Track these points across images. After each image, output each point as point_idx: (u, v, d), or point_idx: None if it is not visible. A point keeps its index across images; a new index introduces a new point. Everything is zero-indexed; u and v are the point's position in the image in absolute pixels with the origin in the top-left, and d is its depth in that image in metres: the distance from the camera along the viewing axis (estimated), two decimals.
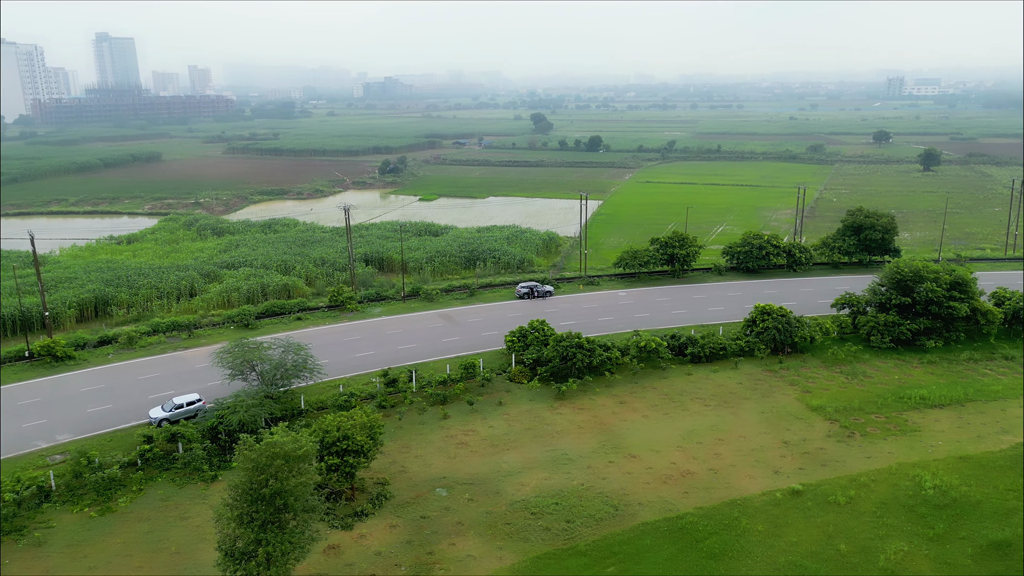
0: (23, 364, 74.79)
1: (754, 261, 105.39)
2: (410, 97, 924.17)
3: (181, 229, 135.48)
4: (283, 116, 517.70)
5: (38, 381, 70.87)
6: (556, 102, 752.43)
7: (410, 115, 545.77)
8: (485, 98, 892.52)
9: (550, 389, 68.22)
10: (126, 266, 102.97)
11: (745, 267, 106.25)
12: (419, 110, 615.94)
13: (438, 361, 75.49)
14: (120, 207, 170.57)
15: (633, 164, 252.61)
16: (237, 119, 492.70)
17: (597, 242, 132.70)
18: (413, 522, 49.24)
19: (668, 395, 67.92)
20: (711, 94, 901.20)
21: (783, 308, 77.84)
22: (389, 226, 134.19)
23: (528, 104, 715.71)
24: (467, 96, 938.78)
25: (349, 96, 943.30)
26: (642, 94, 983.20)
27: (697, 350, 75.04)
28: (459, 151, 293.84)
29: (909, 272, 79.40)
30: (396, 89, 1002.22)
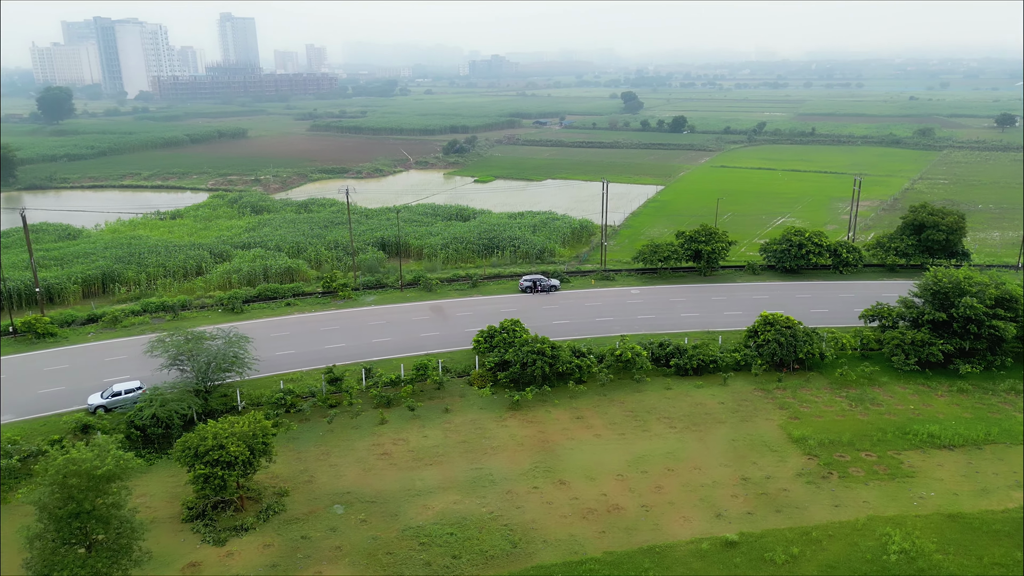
0: (6, 339, 76.27)
1: (792, 260, 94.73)
2: (515, 75, 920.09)
3: (224, 206, 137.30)
4: (382, 94, 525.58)
5: (9, 358, 71.80)
6: (660, 80, 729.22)
7: (506, 94, 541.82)
8: (590, 76, 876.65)
9: (505, 397, 62.64)
10: (145, 243, 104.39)
11: (783, 267, 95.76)
12: (517, 88, 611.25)
13: (407, 357, 71.20)
14: (186, 182, 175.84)
15: (715, 147, 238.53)
16: (337, 97, 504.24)
17: (640, 232, 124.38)
18: (291, 543, 45.37)
19: (634, 412, 60.86)
20: (833, 72, 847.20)
21: (790, 319, 68.55)
22: (422, 209, 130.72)
23: (631, 83, 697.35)
24: (572, 75, 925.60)
25: (455, 74, 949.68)
26: (757, 72, 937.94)
27: (684, 361, 67.18)
28: (538, 131, 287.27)
29: (948, 283, 68.10)
30: (502, 67, 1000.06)
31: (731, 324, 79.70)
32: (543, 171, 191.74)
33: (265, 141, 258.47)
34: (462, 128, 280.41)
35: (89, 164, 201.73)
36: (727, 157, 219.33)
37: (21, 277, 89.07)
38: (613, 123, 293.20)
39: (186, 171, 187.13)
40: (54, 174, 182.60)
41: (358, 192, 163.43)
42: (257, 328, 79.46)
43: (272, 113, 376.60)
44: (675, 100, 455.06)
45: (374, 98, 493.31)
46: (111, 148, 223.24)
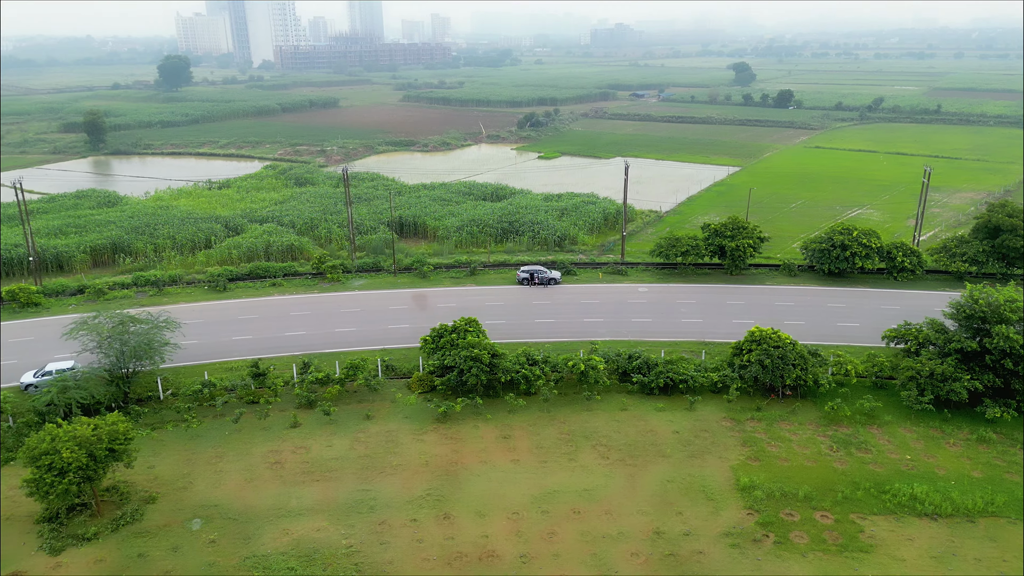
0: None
1: (833, 263, 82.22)
2: (636, 45, 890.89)
3: (271, 177, 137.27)
4: (491, 64, 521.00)
5: None
6: (791, 50, 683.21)
7: (617, 64, 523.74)
8: (717, 46, 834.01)
9: (431, 407, 56.66)
10: (168, 214, 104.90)
11: (824, 270, 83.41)
12: (632, 59, 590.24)
13: (363, 351, 66.52)
14: (256, 151, 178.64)
15: (818, 125, 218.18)
16: (446, 67, 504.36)
17: (687, 220, 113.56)
18: (125, 560, 41.84)
19: (571, 435, 53.37)
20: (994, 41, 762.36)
21: (780, 335, 58.23)
22: (460, 187, 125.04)
23: (759, 52, 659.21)
24: (698, 43, 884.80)
25: (575, 44, 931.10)
26: (907, 40, 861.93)
27: (649, 379, 58.63)
28: (631, 104, 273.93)
29: (985, 305, 55.57)
30: (625, 36, 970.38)
31: (735, 335, 69.49)
32: (616, 148, 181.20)
33: (353, 111, 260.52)
34: (551, 100, 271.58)
35: (179, 131, 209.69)
36: (828, 136, 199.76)
37: (47, 244, 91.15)
38: (713, 96, 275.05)
39: (260, 140, 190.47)
40: (140, 140, 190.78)
41: (410, 166, 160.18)
42: (229, 309, 77.41)
43: (376, 83, 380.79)
44: (798, 72, 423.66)
45: (482, 68, 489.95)
46: (204, 116, 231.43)
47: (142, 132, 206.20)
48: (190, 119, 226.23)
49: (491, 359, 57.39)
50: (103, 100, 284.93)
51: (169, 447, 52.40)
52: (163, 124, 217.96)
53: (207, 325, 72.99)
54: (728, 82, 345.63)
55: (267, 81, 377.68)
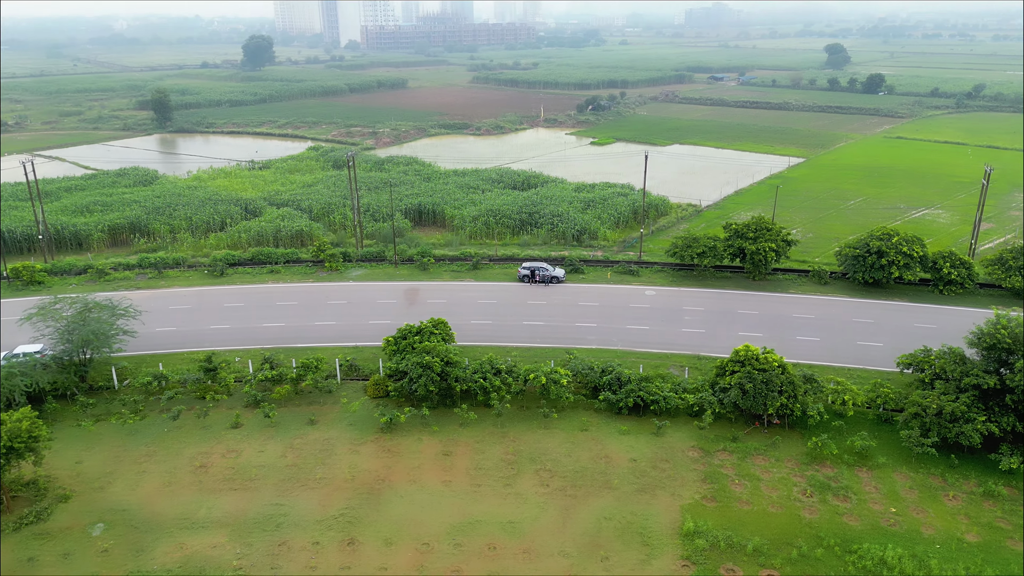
0: None
1: (867, 271, 73.64)
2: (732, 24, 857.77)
3: (311, 159, 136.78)
4: (573, 45, 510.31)
5: None
6: (900, 31, 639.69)
7: (706, 45, 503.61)
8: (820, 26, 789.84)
9: (377, 416, 53.12)
10: (194, 194, 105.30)
11: (859, 279, 74.87)
12: (723, 39, 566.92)
13: (337, 347, 63.99)
14: (310, 132, 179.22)
15: (907, 112, 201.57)
16: (528, 47, 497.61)
17: (728, 215, 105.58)
18: (14, 563, 40.26)
19: (516, 457, 48.84)
20: None
21: (768, 357, 51.63)
22: (491, 174, 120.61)
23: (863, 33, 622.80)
24: (800, 23, 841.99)
25: (668, 24, 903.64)
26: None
27: (619, 397, 53.27)
28: (706, 87, 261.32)
29: (1010, 336, 47.38)
30: (722, 15, 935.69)
31: None
32: (676, 134, 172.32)
33: (419, 93, 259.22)
34: (621, 83, 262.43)
35: (245, 110, 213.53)
36: (915, 126, 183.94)
37: (67, 221, 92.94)
38: (796, 81, 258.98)
39: (318, 120, 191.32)
40: (204, 119, 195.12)
41: (457, 150, 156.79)
42: (218, 296, 76.22)
43: (452, 64, 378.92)
44: (901, 55, 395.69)
45: (563, 49, 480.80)
46: (272, 95, 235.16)
47: (210, 111, 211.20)
48: (258, 98, 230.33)
49: (444, 367, 53.36)
50: (187, 79, 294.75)
51: (104, 442, 51.07)
52: (231, 103, 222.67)
53: (191, 312, 72.05)
54: (819, 65, 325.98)
55: (347, 61, 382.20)
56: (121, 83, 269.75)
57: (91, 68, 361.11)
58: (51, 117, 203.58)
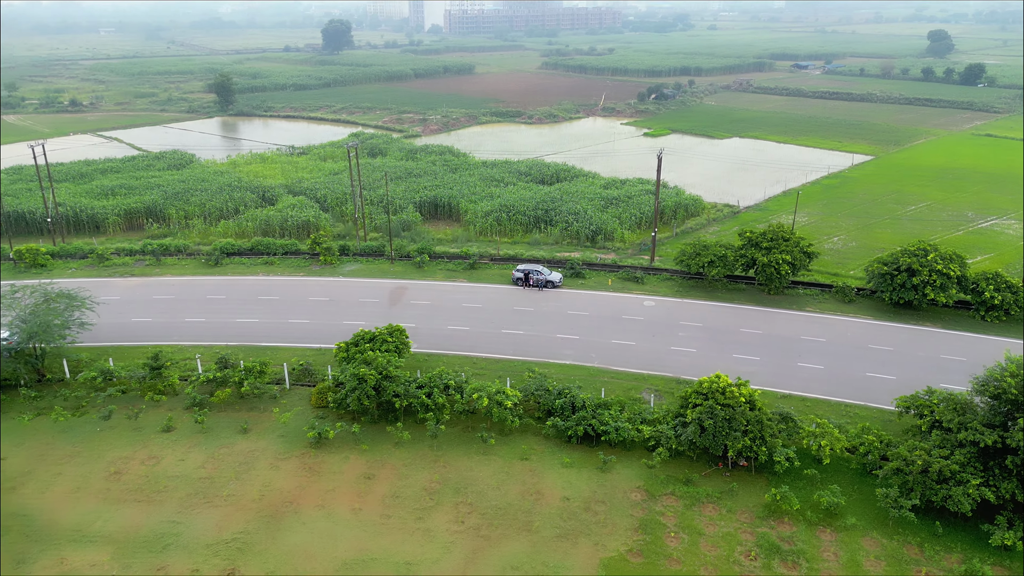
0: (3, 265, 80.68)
1: (895, 291, 65.15)
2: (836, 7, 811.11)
3: None
4: (658, 30, 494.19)
5: None
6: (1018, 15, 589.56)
7: (801, 30, 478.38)
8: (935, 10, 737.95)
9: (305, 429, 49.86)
10: (218, 180, 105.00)
11: (887, 299, 66.39)
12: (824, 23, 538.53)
13: (306, 348, 61.50)
14: (364, 117, 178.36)
15: (1005, 107, 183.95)
16: (610, 32, 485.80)
17: (767, 218, 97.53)
18: None
19: (439, 486, 44.68)
20: None
21: (736, 390, 45.42)
22: (519, 167, 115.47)
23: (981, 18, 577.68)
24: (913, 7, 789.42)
25: (767, 7, 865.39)
26: None
27: (568, 424, 48.22)
28: (787, 76, 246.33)
29: (1015, 387, 39.68)
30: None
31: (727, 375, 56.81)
32: (740, 126, 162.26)
33: (484, 78, 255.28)
34: (695, 70, 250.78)
35: (307, 94, 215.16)
36: (1011, 123, 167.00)
37: (86, 204, 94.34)
38: (887, 70, 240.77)
39: (373, 106, 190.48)
40: (264, 102, 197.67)
41: (501, 139, 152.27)
42: (203, 287, 74.91)
43: (528, 49, 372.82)
44: (1015, 42, 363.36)
45: (646, 34, 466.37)
46: (336, 80, 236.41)
47: (273, 95, 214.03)
48: (322, 83, 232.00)
49: (380, 380, 49.63)
50: (265, 62, 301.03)
51: (35, 438, 49.93)
52: (295, 87, 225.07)
53: (172, 303, 70.94)
54: (918, 53, 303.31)
55: (424, 46, 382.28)
56: (201, 66, 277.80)
57: (181, 51, 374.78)
58: (126, 98, 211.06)
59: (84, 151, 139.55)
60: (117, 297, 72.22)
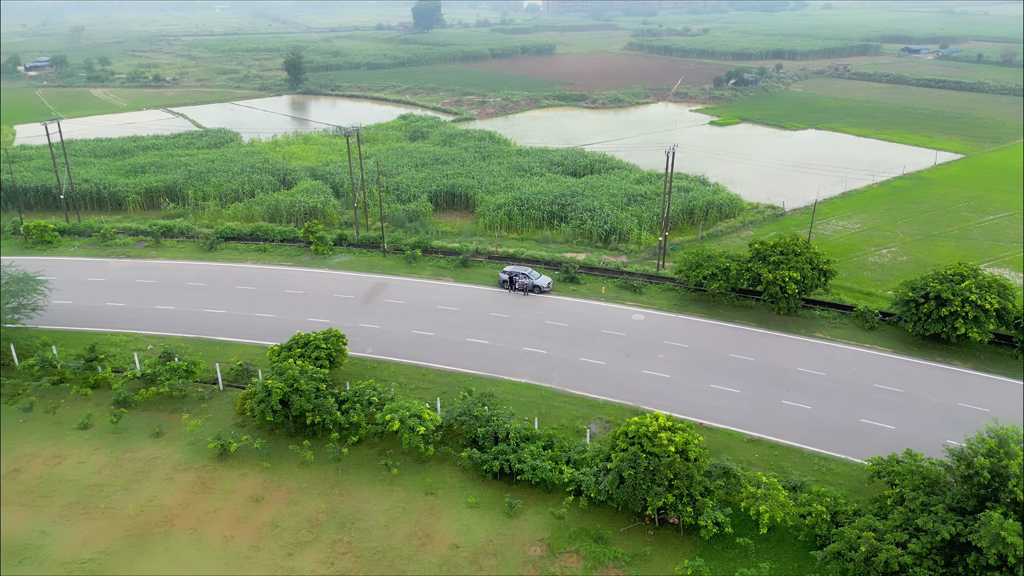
0: (8, 240, 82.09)
1: (920, 322, 55.68)
2: None
3: (394, 128, 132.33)
4: (766, 9, 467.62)
5: None
6: None
7: (927, 9, 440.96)
8: None
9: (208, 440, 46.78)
10: (243, 161, 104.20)
11: (910, 329, 56.86)
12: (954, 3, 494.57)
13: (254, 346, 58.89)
14: (425, 98, 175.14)
15: None
16: (712, 11, 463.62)
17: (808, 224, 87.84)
18: None
19: (326, 517, 40.60)
20: None
21: (665, 437, 38.89)
22: (553, 156, 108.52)
23: None
24: None
25: None
26: None
27: (484, 459, 43.02)
28: (893, 61, 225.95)
29: (989, 470, 31.56)
30: None
31: (691, 408, 49.96)
32: (819, 117, 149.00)
33: (561, 59, 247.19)
34: (789, 53, 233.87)
35: (379, 73, 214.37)
36: None
37: (111, 181, 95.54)
38: (1008, 57, 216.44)
39: (437, 87, 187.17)
40: (333, 80, 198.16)
41: (555, 125, 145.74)
42: (187, 272, 73.50)
43: (620, 28, 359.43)
44: None
45: (751, 13, 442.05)
46: (410, 59, 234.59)
47: (347, 73, 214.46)
48: (396, 62, 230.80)
49: (289, 393, 45.93)
50: (353, 40, 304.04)
51: None
52: (369, 66, 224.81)
53: (151, 288, 69.79)
54: None
55: (514, 25, 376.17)
56: (289, 43, 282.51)
57: (280, 28, 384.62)
58: (208, 75, 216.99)
59: (150, 126, 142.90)
60: (103, 279, 72.04)
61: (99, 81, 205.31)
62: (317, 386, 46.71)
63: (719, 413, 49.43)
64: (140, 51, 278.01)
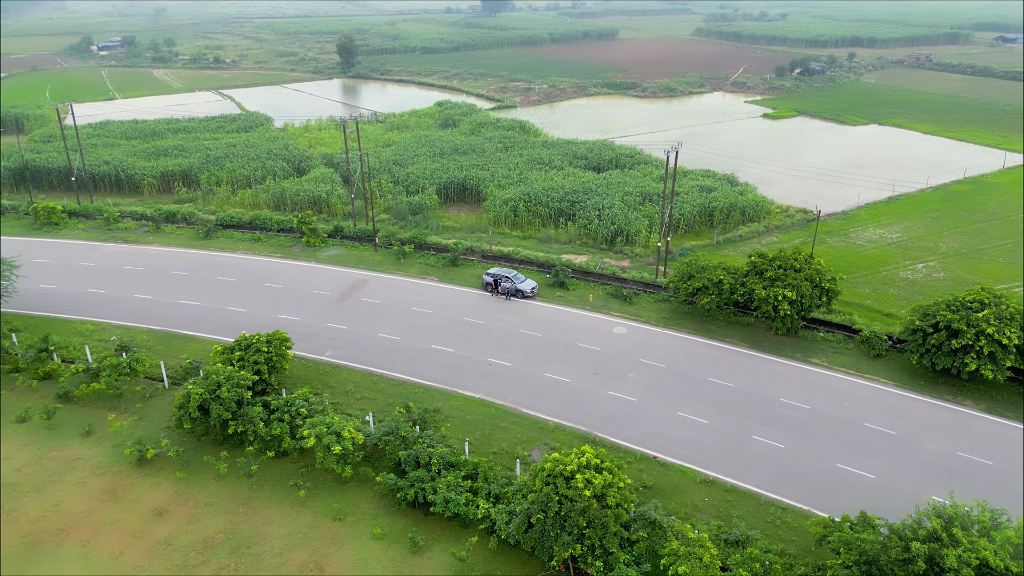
0: (20, 220, 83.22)
1: (927, 354, 48.96)
2: None
3: (425, 116, 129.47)
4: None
5: None
6: None
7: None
8: None
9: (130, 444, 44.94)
10: (269, 145, 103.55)
11: (914, 361, 50.16)
12: None
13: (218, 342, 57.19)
14: (472, 84, 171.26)
15: None
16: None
17: (857, 229, 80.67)
18: None
19: (224, 538, 38.15)
20: None
21: (584, 480, 34.58)
22: (578, 149, 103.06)
23: None
24: None
25: None
26: None
27: (400, 486, 39.61)
28: (984, 51, 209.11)
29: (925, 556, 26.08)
30: None
31: (654, 439, 45.29)
32: (887, 111, 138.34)
33: (622, 45, 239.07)
34: (867, 41, 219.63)
35: (433, 57, 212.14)
36: None
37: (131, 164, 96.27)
38: None
39: (486, 72, 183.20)
40: (382, 65, 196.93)
41: (598, 114, 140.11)
42: (174, 260, 72.65)
43: (694, 12, 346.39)
44: None
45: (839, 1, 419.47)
46: (467, 43, 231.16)
47: (401, 57, 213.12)
48: (453, 47, 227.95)
49: (208, 400, 43.65)
50: (417, 23, 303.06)
51: None
52: (424, 51, 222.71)
53: (136, 275, 69.05)
54: None
55: (584, 8, 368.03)
56: (353, 26, 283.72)
57: (351, 11, 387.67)
58: (267, 57, 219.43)
59: (197, 108, 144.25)
60: (93, 264, 71.93)
61: (163, 62, 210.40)
62: (241, 394, 44.32)
63: (678, 446, 44.60)
64: (211, 32, 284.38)
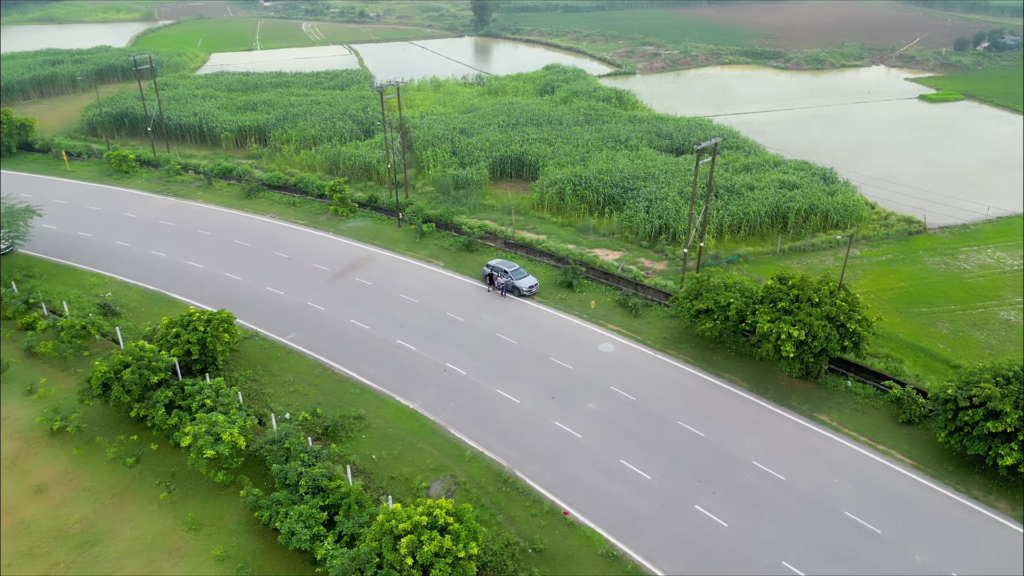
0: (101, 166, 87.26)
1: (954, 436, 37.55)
2: None
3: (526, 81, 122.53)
4: None
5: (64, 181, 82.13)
6: None
7: None
8: None
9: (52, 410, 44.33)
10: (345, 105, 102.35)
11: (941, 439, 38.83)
12: None
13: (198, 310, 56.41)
14: (598, 47, 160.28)
15: None
16: None
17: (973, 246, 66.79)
18: None
19: (77, 531, 36.58)
20: None
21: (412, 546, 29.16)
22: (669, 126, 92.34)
23: None
24: None
25: None
26: None
27: (264, 502, 35.96)
28: None
29: None
30: None
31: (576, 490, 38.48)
32: None
33: (784, 7, 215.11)
34: None
35: (571, 16, 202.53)
36: None
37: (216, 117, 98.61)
38: None
39: (619, 34, 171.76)
40: (515, 23, 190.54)
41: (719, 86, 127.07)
42: (205, 218, 73.43)
43: None
44: None
45: None
46: (612, 3, 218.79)
47: (539, 16, 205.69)
48: (596, 5, 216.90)
49: (110, 378, 42.00)
50: None
51: None
52: (566, 8, 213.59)
53: (164, 231, 69.95)
54: None
55: None
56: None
57: None
58: (411, 12, 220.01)
59: (322, 62, 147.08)
60: (135, 216, 73.81)
61: (314, 15, 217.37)
62: (148, 377, 42.40)
63: (601, 503, 37.55)
64: None
